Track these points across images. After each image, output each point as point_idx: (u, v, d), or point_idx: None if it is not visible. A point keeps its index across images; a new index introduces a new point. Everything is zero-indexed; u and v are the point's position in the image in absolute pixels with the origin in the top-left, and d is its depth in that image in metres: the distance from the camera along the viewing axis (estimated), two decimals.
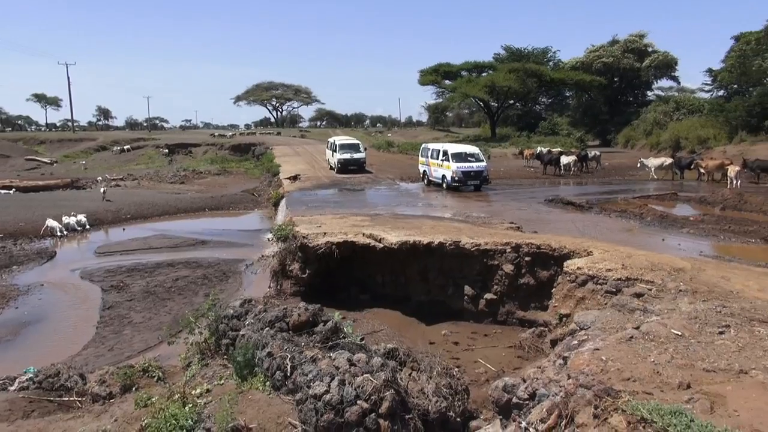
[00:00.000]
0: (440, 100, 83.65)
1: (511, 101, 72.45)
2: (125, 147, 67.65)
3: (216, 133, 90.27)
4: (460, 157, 27.14)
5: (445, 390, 7.93)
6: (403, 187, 28.90)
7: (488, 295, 12.75)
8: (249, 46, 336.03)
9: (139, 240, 21.83)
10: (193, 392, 7.31)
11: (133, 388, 8.96)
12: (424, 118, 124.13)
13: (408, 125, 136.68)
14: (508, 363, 10.63)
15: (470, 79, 69.23)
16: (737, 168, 26.66)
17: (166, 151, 64.13)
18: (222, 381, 7.77)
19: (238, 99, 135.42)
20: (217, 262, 18.31)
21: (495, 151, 49.75)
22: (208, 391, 7.41)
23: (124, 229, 24.38)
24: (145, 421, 6.47)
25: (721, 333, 6.50)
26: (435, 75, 72.69)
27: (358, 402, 5.62)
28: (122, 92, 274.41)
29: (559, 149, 40.76)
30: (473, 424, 7.88)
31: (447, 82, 73.90)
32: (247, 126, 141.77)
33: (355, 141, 38.28)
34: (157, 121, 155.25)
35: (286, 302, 12.63)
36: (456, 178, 26.32)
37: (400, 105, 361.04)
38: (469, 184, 26.72)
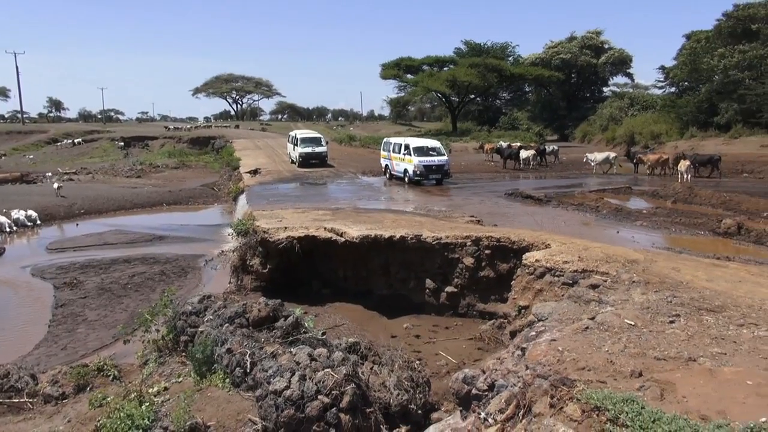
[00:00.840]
0: (402, 94, 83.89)
1: (472, 96, 73.19)
2: (77, 140, 65.46)
3: (171, 126, 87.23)
4: (421, 151, 27.02)
5: (406, 383, 7.99)
6: (364, 181, 28.88)
7: (449, 288, 12.87)
8: (208, 37, 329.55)
9: (93, 236, 21.19)
10: (150, 391, 7.16)
11: (88, 388, 8.73)
12: (386, 112, 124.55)
13: (370, 119, 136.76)
14: (469, 355, 10.77)
15: (431, 73, 69.62)
16: (688, 163, 27.62)
17: (122, 144, 62.41)
18: (180, 378, 7.63)
19: (197, 91, 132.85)
20: (176, 257, 17.94)
21: (456, 145, 50.15)
22: (165, 389, 7.28)
23: (77, 225, 23.63)
24: (100, 421, 6.31)
25: (671, 322, 6.72)
26: (396, 69, 72.86)
27: (319, 397, 5.61)
28: (75, 83, 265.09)
29: (519, 143, 41.37)
30: (434, 415, 7.96)
31: (408, 76, 74.16)
32: (207, 119, 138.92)
33: (317, 134, 37.99)
34: (113, 113, 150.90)
35: (246, 298, 12.45)
36: (418, 172, 26.23)
37: (362, 99, 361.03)
38: (431, 178, 26.65)
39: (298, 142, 35.22)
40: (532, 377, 5.25)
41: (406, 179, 27.03)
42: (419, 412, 7.62)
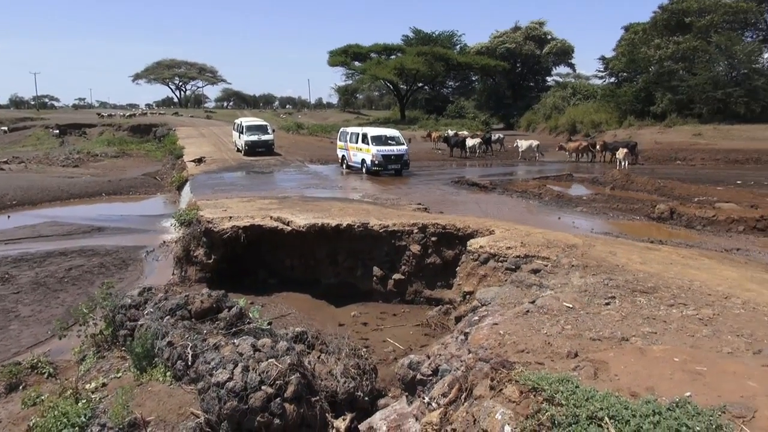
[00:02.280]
0: (350, 82, 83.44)
1: (420, 84, 73.58)
2: (2, 128, 62.03)
3: (105, 113, 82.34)
4: (380, 140, 26.26)
5: (353, 370, 8.02)
6: (312, 170, 28.65)
7: (396, 276, 12.96)
8: (149, 21, 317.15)
9: (26, 228, 20.21)
10: (87, 387, 6.93)
11: (20, 387, 8.35)
12: (335, 100, 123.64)
13: (318, 107, 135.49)
14: (416, 341, 10.90)
15: (379, 61, 69.55)
16: (625, 150, 28.71)
17: (57, 132, 59.60)
18: (119, 374, 7.40)
19: (137, 77, 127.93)
20: (116, 249, 17.33)
21: (404, 133, 50.06)
22: (103, 385, 7.05)
23: (9, 217, 22.47)
24: (33, 420, 6.05)
25: (607, 304, 6.97)
26: (344, 56, 72.37)
27: (263, 387, 5.55)
28: (5, 68, 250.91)
29: (466, 132, 41.92)
30: (381, 402, 8.03)
31: (356, 63, 73.82)
32: (149, 106, 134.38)
33: (263, 122, 37.39)
34: (47, 100, 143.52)
35: (190, 289, 12.16)
36: (376, 162, 25.48)
37: (310, 86, 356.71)
38: (390, 168, 25.92)
39: (244, 130, 34.57)
40: (474, 361, 5.35)
41: (364, 170, 26.23)
42: (366, 399, 7.67)
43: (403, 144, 27.20)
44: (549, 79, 75.21)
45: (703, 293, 7.46)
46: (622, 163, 27.81)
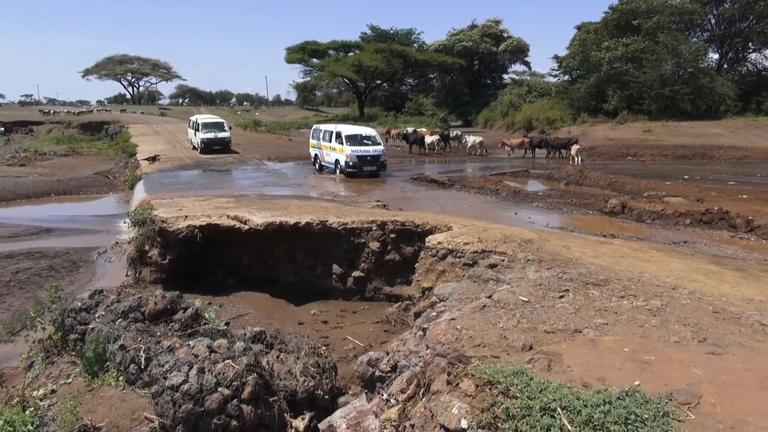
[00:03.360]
0: (308, 78, 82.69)
1: (379, 81, 73.58)
2: None
3: (48, 110, 75.45)
4: (354, 139, 24.51)
5: (312, 369, 7.97)
6: (271, 168, 28.32)
7: (356, 273, 12.95)
8: (99, 15, 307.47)
9: None
10: (35, 394, 6.67)
11: None
12: (293, 97, 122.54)
13: (276, 104, 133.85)
14: (376, 338, 10.92)
15: (337, 58, 69.28)
16: (578, 146, 29.40)
17: (2, 129, 57.13)
18: (69, 380, 7.15)
19: (87, 73, 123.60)
20: (66, 251, 16.73)
21: None
22: (53, 391, 6.80)
23: None
24: None
25: (561, 297, 7.13)
26: (302, 53, 71.78)
27: (219, 389, 5.45)
28: None
29: (425, 129, 42.14)
30: (341, 399, 8.01)
31: (314, 60, 73.28)
32: (100, 102, 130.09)
33: (220, 119, 36.72)
34: None
35: (144, 291, 11.90)
36: (351, 163, 23.67)
37: (268, 83, 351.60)
38: (366, 170, 23.91)
39: (200, 127, 33.90)
40: (432, 356, 5.39)
41: (338, 171, 24.51)
42: (326, 397, 7.64)
43: (380, 144, 25.51)
44: (505, 76, 76.30)
45: (652, 285, 7.71)
46: (575, 159, 28.48)
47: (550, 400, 3.85)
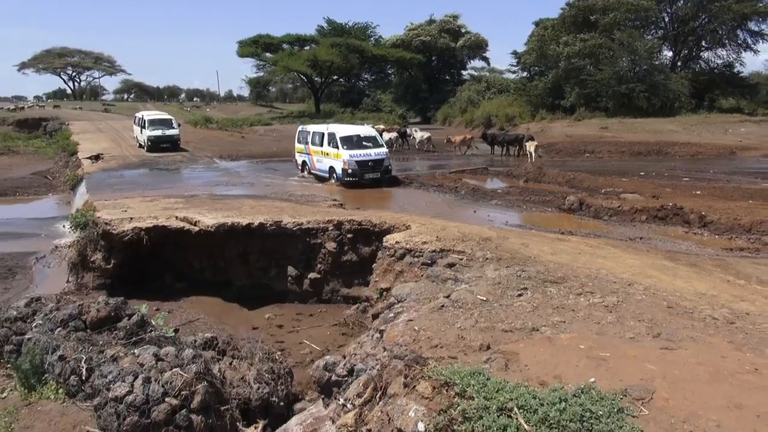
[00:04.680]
0: (261, 73, 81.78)
1: (335, 77, 73.28)
2: None
3: None
4: (351, 141, 21.50)
5: (267, 375, 7.88)
6: (222, 166, 27.90)
7: (312, 275, 12.88)
8: (36, 4, 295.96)
9: None
10: None
11: None
12: (246, 92, 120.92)
13: (228, 100, 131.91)
14: (333, 341, 10.89)
15: (292, 52, 68.61)
16: (535, 143, 30.00)
17: None
18: (4, 394, 6.86)
19: (23, 66, 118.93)
20: (0, 256, 16.08)
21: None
22: None
23: None
24: None
25: (519, 295, 7.26)
26: (255, 47, 70.81)
27: (167, 399, 5.34)
28: None
29: (382, 126, 42.23)
30: (297, 406, 7.95)
31: (268, 54, 72.42)
32: (38, 98, 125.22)
33: (167, 116, 35.94)
34: None
35: (87, 297, 11.53)
36: (350, 171, 20.59)
37: (219, 78, 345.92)
38: (367, 178, 20.85)
39: (146, 124, 33.12)
40: (389, 358, 5.40)
41: (334, 180, 21.52)
42: (282, 404, 7.57)
43: (382, 146, 22.51)
44: (464, 72, 77.25)
45: (609, 281, 7.93)
46: (532, 156, 29.04)
47: (506, 399, 3.92)
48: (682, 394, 4.17)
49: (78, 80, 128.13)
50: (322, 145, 22.33)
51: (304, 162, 24.15)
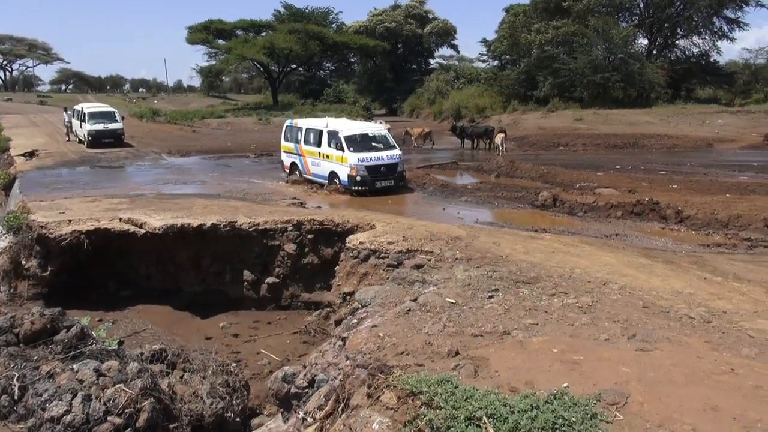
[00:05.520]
0: (214, 62, 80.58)
1: (294, 66, 72.85)
2: None
3: None
4: (358, 142, 19.19)
5: (221, 389, 7.79)
6: (172, 163, 27.47)
7: (270, 279, 12.80)
8: None
9: None
10: None
11: None
12: (197, 82, 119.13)
13: (178, 90, 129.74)
14: (294, 350, 10.85)
15: (246, 39, 67.85)
16: (503, 135, 30.39)
17: None
18: None
19: None
20: None
21: (278, 120, 49.65)
22: None
23: None
24: None
25: (490, 297, 7.34)
26: (205, 33, 69.73)
27: (109, 418, 5.23)
28: None
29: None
30: (255, 421, 7.91)
31: (220, 41, 71.48)
32: None
33: (110, 108, 35.16)
34: None
35: (21, 308, 11.23)
36: (358, 179, 18.31)
37: (167, 67, 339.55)
38: (379, 186, 18.68)
39: (87, 117, 32.34)
40: (352, 368, 5.40)
41: (336, 186, 19.07)
42: (237, 419, 7.50)
43: (395, 147, 20.17)
44: (432, 61, 77.71)
45: (583, 281, 8.08)
46: (500, 148, 29.38)
47: (475, 408, 3.95)
48: (658, 397, 4.27)
49: (9, 69, 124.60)
50: (319, 144, 19.87)
51: (293, 164, 21.63)
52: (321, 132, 19.94)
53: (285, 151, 22.13)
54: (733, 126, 36.28)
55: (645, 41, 51.13)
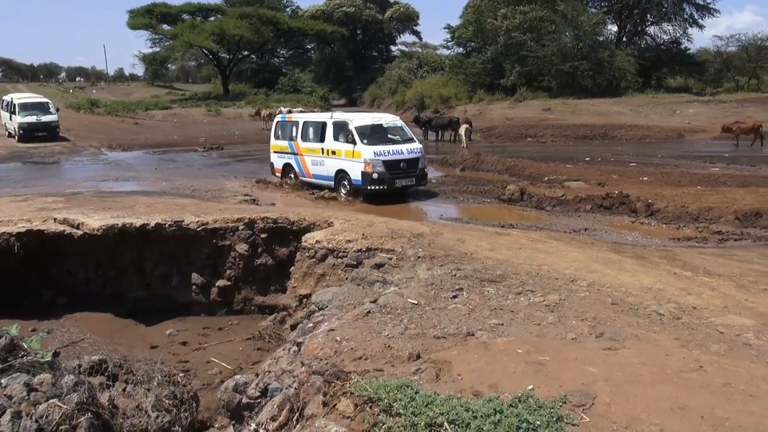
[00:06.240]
0: (158, 49, 79.31)
1: (246, 53, 72.28)
2: None
3: None
4: (372, 134, 18.00)
5: (168, 401, 7.67)
6: (113, 158, 27.04)
7: (221, 282, 12.64)
8: None
9: None
10: None
11: None
12: (140, 71, 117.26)
13: (119, 80, 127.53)
14: (247, 358, 10.74)
15: (194, 24, 67.02)
16: (467, 126, 30.74)
17: None
18: None
19: None
20: None
21: (228, 111, 49.40)
22: None
23: None
24: None
25: (454, 297, 7.40)
26: (149, 17, 68.66)
27: None
28: None
29: (301, 108, 41.98)
30: None
31: (165, 27, 70.41)
32: None
33: (43, 99, 34.43)
34: None
35: None
36: (375, 176, 16.91)
37: (107, 54, 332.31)
38: (399, 185, 17.63)
39: (17, 109, 31.59)
40: (307, 375, 5.38)
41: (343, 191, 18.00)
42: None
43: (413, 139, 19.05)
44: (394, 48, 78.26)
45: (550, 278, 8.21)
46: (463, 140, 29.67)
47: (436, 414, 3.98)
48: (625, 397, 4.37)
49: None
50: (322, 139, 18.47)
51: (287, 166, 20.19)
52: (324, 125, 18.65)
53: (276, 151, 20.67)
54: (704, 116, 37.41)
55: (614, 28, 52.33)
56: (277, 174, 20.70)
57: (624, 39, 51.71)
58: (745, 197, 15.49)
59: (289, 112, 38.66)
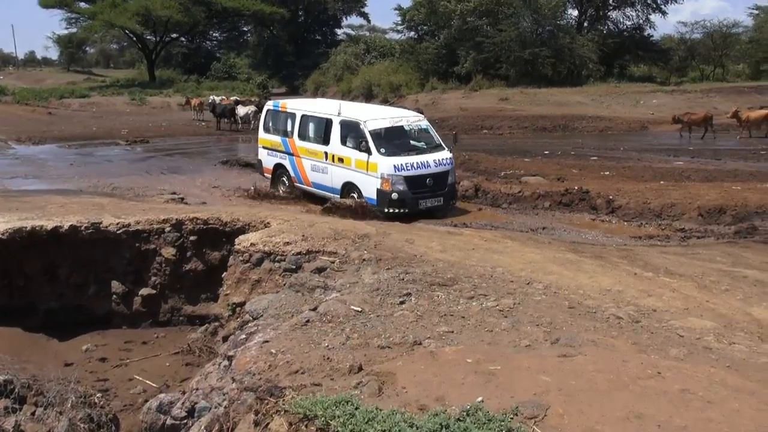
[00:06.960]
0: (75, 30, 77.19)
1: (174, 35, 71.00)
2: None
3: None
4: (387, 138, 15.44)
5: (83, 425, 7.51)
6: (21, 152, 26.28)
7: (145, 291, 12.41)
8: None
9: None
10: None
11: None
12: (54, 54, 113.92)
13: (30, 64, 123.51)
14: (174, 374, 10.57)
15: (115, 2, 65.33)
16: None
17: None
18: None
19: None
20: None
21: (155, 99, 48.55)
22: None
23: None
24: None
25: (401, 303, 7.44)
26: None
27: None
28: None
29: (236, 98, 41.54)
30: None
31: (82, 5, 68.58)
32: None
33: None
34: None
35: None
36: (395, 196, 14.70)
37: (16, 35, 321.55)
38: (424, 206, 15.28)
39: None
40: (239, 392, 5.35)
41: (358, 204, 14.90)
42: None
43: (442, 146, 16.42)
44: (339, 31, 78.18)
45: (505, 281, 8.34)
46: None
47: (378, 431, 3.99)
48: (579, 407, 4.47)
49: None
50: (326, 141, 16.03)
51: (279, 167, 17.77)
52: (329, 122, 16.01)
53: (266, 147, 18.24)
54: (669, 106, 38.56)
55: (575, 12, 53.44)
56: (266, 174, 18.44)
57: (585, 24, 52.91)
58: (708, 192, 16.06)
59: (222, 100, 38.33)
